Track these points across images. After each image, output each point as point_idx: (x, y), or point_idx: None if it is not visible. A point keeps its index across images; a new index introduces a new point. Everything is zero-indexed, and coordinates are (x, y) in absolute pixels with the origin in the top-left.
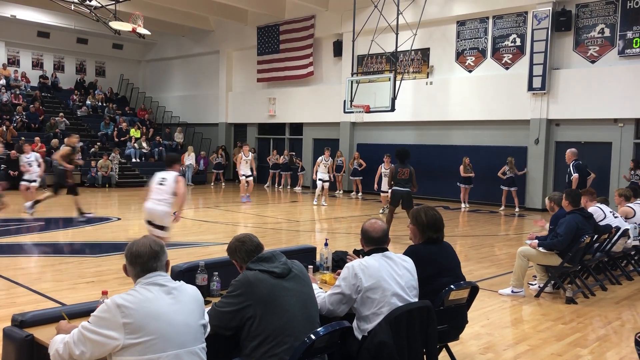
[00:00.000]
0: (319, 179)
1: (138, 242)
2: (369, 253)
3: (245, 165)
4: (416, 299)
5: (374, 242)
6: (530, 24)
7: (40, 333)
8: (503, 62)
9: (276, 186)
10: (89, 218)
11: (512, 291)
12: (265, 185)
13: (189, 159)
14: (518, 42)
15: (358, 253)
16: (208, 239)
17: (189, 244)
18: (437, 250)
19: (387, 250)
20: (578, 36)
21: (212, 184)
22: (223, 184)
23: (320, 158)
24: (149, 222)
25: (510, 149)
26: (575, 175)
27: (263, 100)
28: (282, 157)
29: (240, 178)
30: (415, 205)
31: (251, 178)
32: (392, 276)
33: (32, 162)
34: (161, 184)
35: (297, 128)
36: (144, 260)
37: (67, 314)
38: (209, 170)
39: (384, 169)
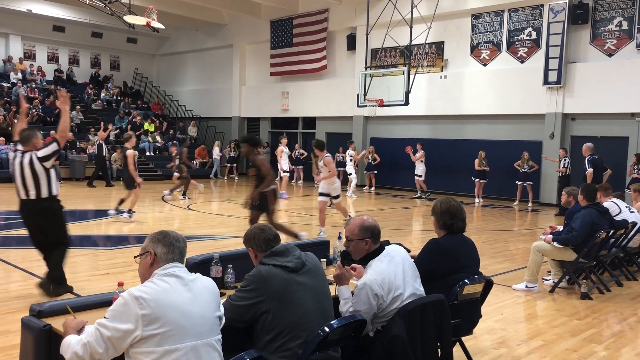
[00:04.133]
0: (350, 173)
1: (171, 231)
2: (377, 251)
3: (286, 159)
4: (421, 287)
5: (379, 238)
6: (546, 17)
7: (57, 323)
8: (518, 55)
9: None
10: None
11: (526, 286)
12: (277, 179)
13: (216, 152)
14: (534, 36)
15: (345, 255)
16: (221, 232)
17: (203, 237)
18: (459, 244)
19: (383, 247)
20: (595, 29)
21: (226, 177)
22: (236, 177)
23: (348, 151)
24: None
25: (525, 143)
26: (589, 170)
27: (276, 94)
28: (293, 151)
29: (283, 175)
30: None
31: (286, 174)
32: (402, 276)
33: None
34: None
35: (310, 122)
36: (182, 245)
37: (82, 306)
38: (223, 164)
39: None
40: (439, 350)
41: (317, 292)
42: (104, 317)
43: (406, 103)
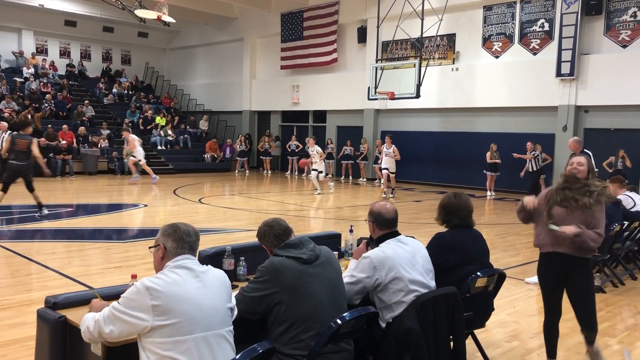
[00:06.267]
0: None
1: (183, 224)
2: (382, 238)
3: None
4: (433, 282)
5: (388, 225)
6: (559, 8)
7: (72, 315)
8: (531, 47)
9: (296, 173)
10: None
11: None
12: (287, 173)
13: (239, 145)
14: (546, 27)
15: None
16: (233, 226)
17: (214, 230)
18: (464, 237)
19: (399, 233)
20: (609, 20)
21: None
22: (247, 171)
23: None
24: None
25: (538, 136)
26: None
27: (287, 87)
28: (307, 146)
29: (313, 174)
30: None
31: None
32: (409, 262)
33: None
34: None
35: (320, 115)
36: (192, 239)
37: (95, 295)
38: (234, 158)
39: (386, 149)
40: (451, 343)
41: (330, 284)
42: (118, 302)
43: (417, 96)
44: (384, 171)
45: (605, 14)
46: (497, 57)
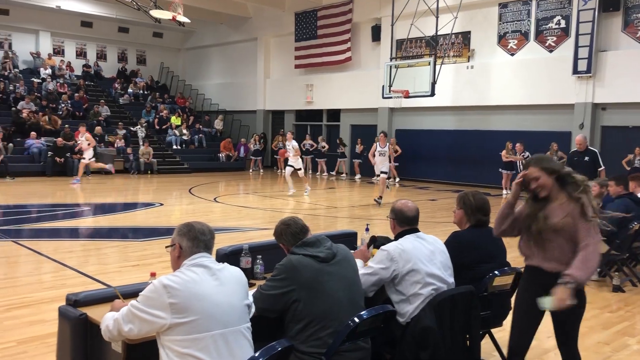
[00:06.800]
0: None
1: (198, 222)
2: (402, 234)
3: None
4: (452, 279)
5: (409, 222)
6: (575, 4)
7: (93, 312)
8: (547, 44)
9: (310, 172)
10: None
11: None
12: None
13: (253, 145)
14: (563, 24)
15: (372, 241)
16: (248, 224)
17: (230, 229)
18: (482, 236)
19: (419, 231)
20: (627, 16)
21: (251, 170)
22: (261, 170)
23: (375, 145)
24: None
25: (554, 134)
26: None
27: (300, 86)
28: (320, 144)
29: (381, 177)
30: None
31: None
32: (428, 257)
33: None
34: None
35: (334, 114)
36: (207, 238)
37: (115, 294)
38: (248, 157)
39: (380, 147)
40: (467, 341)
41: (347, 282)
42: (136, 300)
43: (432, 94)
44: (382, 175)
45: (623, 10)
46: (512, 54)
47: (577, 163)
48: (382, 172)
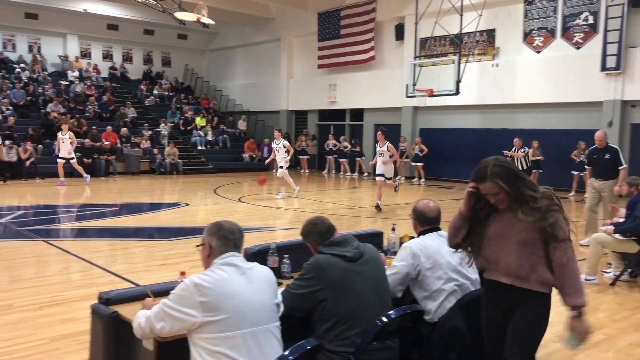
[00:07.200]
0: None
1: (227, 222)
2: (423, 233)
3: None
4: (476, 275)
5: (429, 222)
6: (604, 0)
7: (124, 310)
8: (574, 41)
9: (333, 172)
10: None
11: (585, 279)
12: (324, 172)
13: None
14: (590, 20)
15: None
16: (272, 224)
17: (255, 229)
18: None
19: (440, 229)
20: None
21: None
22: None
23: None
24: None
25: (582, 132)
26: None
27: (323, 86)
28: (342, 144)
29: (378, 180)
30: None
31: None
32: (449, 253)
33: None
34: None
35: (357, 114)
36: (236, 237)
37: (146, 293)
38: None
39: (378, 147)
40: None
41: (375, 282)
42: (167, 299)
43: (457, 92)
44: (378, 178)
45: None
46: (538, 52)
47: (596, 161)
48: (377, 175)
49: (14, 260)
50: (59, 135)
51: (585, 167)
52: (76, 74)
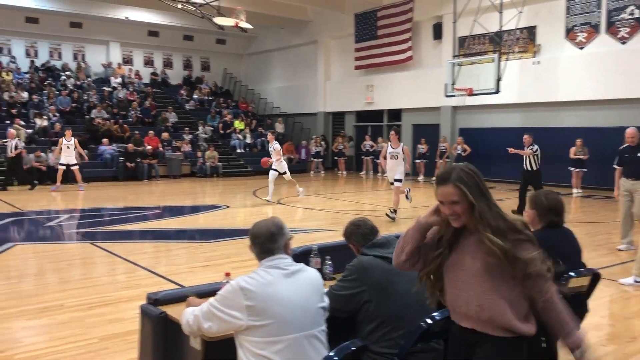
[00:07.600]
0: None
1: (259, 223)
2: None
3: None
4: None
5: None
6: None
7: (172, 310)
8: (619, 36)
9: (371, 174)
10: None
11: (635, 281)
12: (361, 173)
13: (314, 147)
14: (637, 14)
15: None
16: (311, 226)
17: (293, 230)
18: (556, 237)
19: None
20: None
21: (312, 172)
22: (322, 172)
23: (386, 146)
24: None
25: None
26: None
27: (361, 87)
28: (378, 144)
29: (395, 186)
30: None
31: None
32: None
33: None
34: None
35: (395, 114)
36: (261, 240)
37: (193, 293)
38: (309, 159)
39: (391, 148)
40: (544, 344)
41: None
42: (214, 299)
43: (497, 91)
44: (397, 184)
45: None
46: (581, 48)
47: (628, 160)
48: (395, 180)
49: (63, 262)
50: (63, 141)
51: (615, 166)
52: (119, 80)
